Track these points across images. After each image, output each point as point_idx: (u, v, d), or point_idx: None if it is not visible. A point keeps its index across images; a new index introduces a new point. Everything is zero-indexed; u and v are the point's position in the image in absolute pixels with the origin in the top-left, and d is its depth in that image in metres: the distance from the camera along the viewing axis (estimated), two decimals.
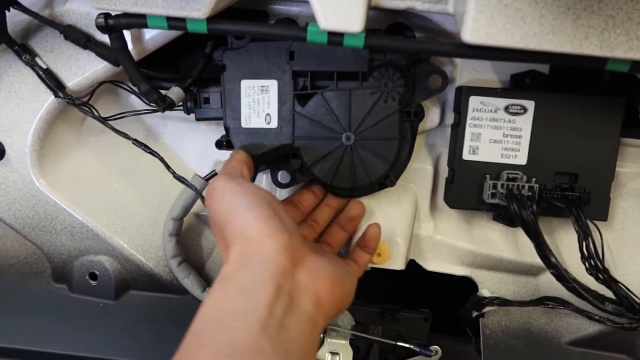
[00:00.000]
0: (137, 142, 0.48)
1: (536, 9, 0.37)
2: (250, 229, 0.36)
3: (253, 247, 0.35)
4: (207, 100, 0.50)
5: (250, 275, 0.34)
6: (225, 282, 0.34)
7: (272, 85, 0.48)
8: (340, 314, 0.39)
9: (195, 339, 0.31)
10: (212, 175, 0.51)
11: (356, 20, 0.39)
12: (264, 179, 0.56)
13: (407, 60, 0.47)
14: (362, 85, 0.47)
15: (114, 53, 0.45)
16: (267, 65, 0.47)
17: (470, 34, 0.38)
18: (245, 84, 0.48)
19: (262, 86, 0.48)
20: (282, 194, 0.55)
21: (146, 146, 0.48)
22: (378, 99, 0.47)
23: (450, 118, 0.53)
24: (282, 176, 0.52)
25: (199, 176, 0.50)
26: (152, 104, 0.47)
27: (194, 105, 0.51)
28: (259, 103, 0.48)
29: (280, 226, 0.37)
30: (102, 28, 0.43)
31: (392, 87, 0.47)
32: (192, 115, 0.51)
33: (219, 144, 0.50)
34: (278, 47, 0.47)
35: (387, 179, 0.50)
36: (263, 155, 0.48)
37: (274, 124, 0.48)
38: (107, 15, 0.43)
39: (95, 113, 0.49)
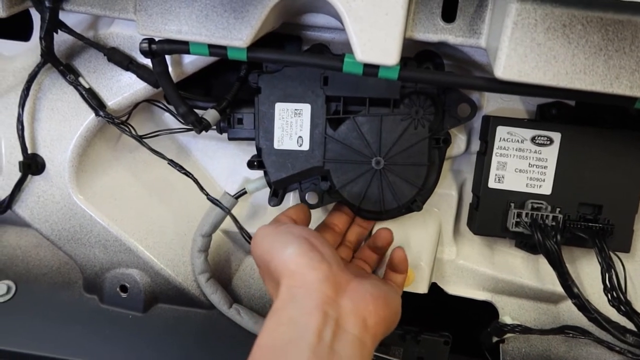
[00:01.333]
0: (172, 163, 0.49)
1: (569, 48, 0.38)
2: (292, 263, 0.39)
3: (297, 280, 0.38)
4: (240, 121, 0.52)
5: (297, 307, 0.36)
6: (277, 314, 0.37)
7: (306, 108, 0.49)
8: (389, 332, 0.41)
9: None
10: (242, 193, 0.52)
11: (392, 53, 0.41)
12: (291, 197, 0.58)
13: (438, 89, 0.49)
14: (393, 111, 0.48)
15: (156, 77, 0.46)
16: (302, 89, 0.49)
17: (502, 71, 0.39)
18: (279, 106, 0.49)
19: (295, 109, 0.49)
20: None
21: (181, 167, 0.50)
22: (408, 126, 0.49)
23: (476, 145, 0.54)
24: (310, 197, 0.53)
25: (229, 194, 0.52)
26: (189, 125, 0.49)
27: (227, 125, 0.52)
28: (292, 126, 0.49)
29: (319, 258, 0.39)
30: (145, 53, 0.44)
31: (422, 115, 0.48)
32: (224, 134, 0.53)
33: (251, 164, 0.51)
34: (312, 72, 0.48)
35: (414, 204, 0.51)
36: (293, 176, 0.50)
37: (305, 146, 0.49)
38: (150, 41, 0.44)
39: (133, 131, 0.51)
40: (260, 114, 0.49)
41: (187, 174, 0.50)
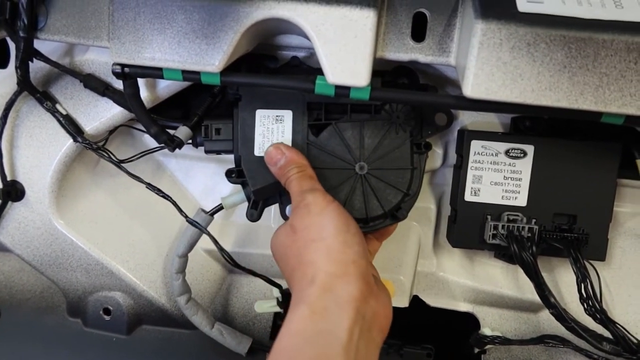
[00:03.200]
0: (150, 186, 0.50)
1: (534, 66, 0.39)
2: (340, 252, 0.38)
3: (339, 269, 0.37)
4: (218, 132, 0.51)
5: (334, 298, 0.36)
6: (311, 302, 0.36)
7: (287, 115, 0.49)
8: None
9: (282, 353, 0.34)
10: (218, 209, 0.51)
11: (362, 75, 0.41)
12: (272, 212, 0.58)
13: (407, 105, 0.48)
14: (374, 117, 0.48)
15: (126, 98, 0.46)
16: (283, 96, 0.48)
17: (471, 89, 0.40)
18: (260, 113, 0.48)
19: (277, 116, 0.49)
20: None
21: (159, 190, 0.50)
22: (389, 130, 0.48)
23: (452, 158, 0.54)
24: (291, 210, 0.52)
25: (204, 211, 0.51)
26: (161, 144, 0.49)
27: (204, 138, 0.51)
28: (273, 132, 0.49)
29: (361, 252, 0.39)
30: (118, 75, 0.45)
31: (403, 120, 0.48)
32: (201, 151, 0.52)
33: (229, 174, 0.50)
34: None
35: (399, 211, 0.50)
36: (274, 185, 0.49)
37: None
38: (123, 65, 0.45)
39: (111, 156, 0.51)
40: (241, 121, 0.49)
41: (165, 196, 0.50)
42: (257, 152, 0.49)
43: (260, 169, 0.48)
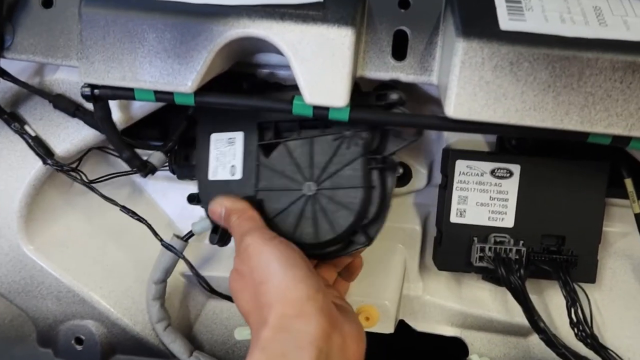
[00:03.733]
0: (124, 209, 0.48)
1: (517, 86, 0.38)
2: (291, 289, 0.36)
3: (293, 309, 0.35)
4: (186, 158, 0.51)
5: (291, 340, 0.34)
6: (266, 347, 0.34)
7: (239, 136, 0.47)
8: None
9: None
10: (189, 235, 0.49)
11: (341, 95, 0.40)
12: None
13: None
14: (324, 132, 0.45)
15: (98, 122, 0.45)
16: (234, 117, 0.47)
17: (453, 109, 0.38)
18: (214, 137, 0.48)
19: (229, 138, 0.47)
20: None
21: (133, 213, 0.48)
22: (340, 145, 0.45)
23: (437, 178, 0.53)
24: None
25: (178, 237, 0.49)
26: (133, 169, 0.48)
27: (175, 164, 0.51)
28: (226, 155, 0.48)
29: (316, 286, 0.37)
30: (87, 98, 0.43)
31: (354, 132, 0.44)
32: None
33: (191, 199, 0.50)
34: None
35: (355, 235, 0.46)
36: None
37: (238, 175, 0.47)
38: (92, 86, 0.43)
39: (84, 178, 0.49)
40: (199, 146, 0.48)
41: (140, 219, 0.48)
42: (211, 176, 0.48)
43: (214, 193, 0.46)
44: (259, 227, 0.42)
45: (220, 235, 0.47)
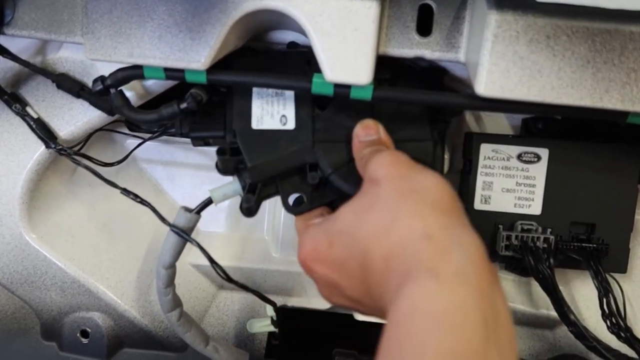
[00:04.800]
0: (125, 191, 0.45)
1: (554, 61, 0.35)
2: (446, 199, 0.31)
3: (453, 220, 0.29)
4: (208, 114, 0.44)
5: (465, 256, 0.27)
6: (435, 269, 0.26)
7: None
8: None
9: (409, 346, 0.25)
10: (206, 204, 0.44)
11: (364, 71, 0.37)
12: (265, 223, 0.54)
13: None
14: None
15: (119, 111, 0.42)
16: (284, 70, 0.42)
17: (484, 87, 0.36)
18: (257, 88, 0.42)
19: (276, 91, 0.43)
20: (283, 245, 0.53)
21: (135, 195, 0.45)
22: None
23: (459, 163, 0.51)
24: (295, 200, 0.44)
25: (187, 209, 0.45)
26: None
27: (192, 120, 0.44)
28: (273, 104, 0.42)
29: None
30: (101, 92, 0.41)
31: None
32: (187, 157, 0.49)
33: (222, 152, 0.43)
34: (295, 53, 0.42)
35: None
36: (276, 163, 0.42)
37: (290, 125, 0.42)
38: (102, 78, 0.41)
39: (88, 162, 0.47)
40: (235, 95, 0.42)
41: (143, 201, 0.45)
42: (255, 125, 0.42)
43: (261, 143, 0.41)
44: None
45: (258, 197, 0.42)
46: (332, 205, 0.43)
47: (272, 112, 0.42)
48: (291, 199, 0.43)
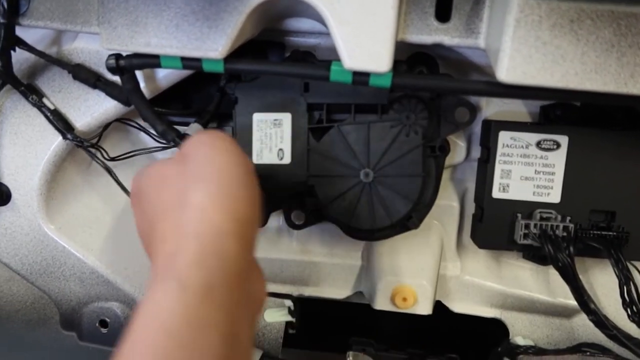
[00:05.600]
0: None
1: (577, 46, 0.35)
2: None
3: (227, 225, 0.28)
4: None
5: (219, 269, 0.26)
6: (185, 280, 0.25)
7: (286, 118, 0.45)
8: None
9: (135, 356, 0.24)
10: None
11: (383, 58, 0.37)
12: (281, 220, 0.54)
13: (431, 92, 0.44)
14: (381, 118, 0.44)
15: (126, 94, 0.42)
16: (281, 97, 0.45)
17: (506, 73, 0.35)
18: (257, 117, 0.45)
19: (275, 120, 0.45)
20: (298, 235, 0.53)
21: None
22: (399, 133, 0.44)
23: (476, 152, 0.50)
24: (296, 216, 0.49)
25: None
26: (170, 143, 0.45)
27: None
28: (272, 137, 0.45)
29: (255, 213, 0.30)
30: (113, 69, 0.41)
31: (414, 120, 0.44)
32: None
33: None
34: (292, 79, 0.44)
35: (409, 220, 0.47)
36: (275, 193, 0.46)
37: (287, 159, 0.45)
38: (118, 56, 0.41)
39: (104, 155, 0.47)
40: (238, 126, 0.45)
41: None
42: (256, 159, 0.45)
43: (262, 177, 0.43)
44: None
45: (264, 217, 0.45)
46: None
47: (270, 145, 0.45)
48: (293, 215, 0.49)
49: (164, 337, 0.24)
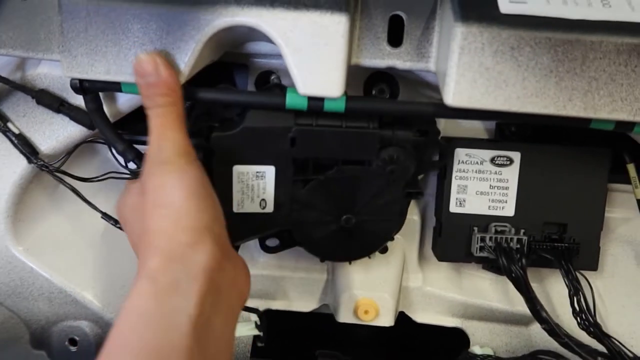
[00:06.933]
0: (106, 216, 0.47)
1: (518, 72, 0.36)
2: (190, 219, 0.34)
3: (190, 238, 0.33)
4: None
5: (183, 271, 0.32)
6: (155, 278, 0.31)
7: (269, 171, 0.43)
8: None
9: (118, 339, 0.30)
10: None
11: (336, 84, 0.38)
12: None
13: (417, 136, 0.44)
14: (367, 170, 0.44)
15: (89, 114, 0.43)
16: (264, 150, 0.42)
17: (452, 97, 0.37)
18: (237, 169, 0.43)
19: (257, 172, 0.43)
20: (268, 259, 0.54)
21: (116, 221, 0.46)
22: (383, 184, 0.44)
23: None
24: (271, 241, 0.50)
25: None
26: (129, 163, 0.45)
27: None
28: (254, 189, 0.44)
29: (215, 217, 0.35)
30: (76, 89, 0.41)
31: (399, 174, 0.44)
32: None
33: None
34: (276, 132, 0.42)
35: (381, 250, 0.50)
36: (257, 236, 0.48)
37: (269, 208, 0.44)
38: (80, 79, 0.41)
39: (69, 180, 0.47)
40: (215, 175, 0.42)
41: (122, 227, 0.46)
42: (237, 209, 0.44)
43: (241, 226, 0.44)
44: (182, 138, 0.36)
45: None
46: None
47: (252, 196, 0.44)
48: (268, 242, 0.50)
49: (138, 319, 0.30)
